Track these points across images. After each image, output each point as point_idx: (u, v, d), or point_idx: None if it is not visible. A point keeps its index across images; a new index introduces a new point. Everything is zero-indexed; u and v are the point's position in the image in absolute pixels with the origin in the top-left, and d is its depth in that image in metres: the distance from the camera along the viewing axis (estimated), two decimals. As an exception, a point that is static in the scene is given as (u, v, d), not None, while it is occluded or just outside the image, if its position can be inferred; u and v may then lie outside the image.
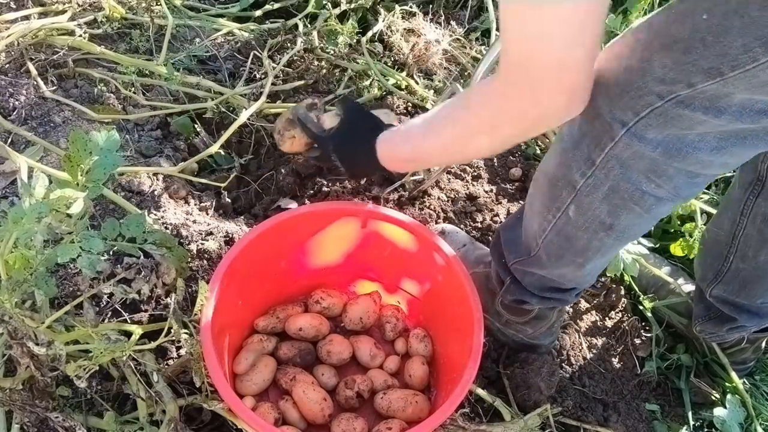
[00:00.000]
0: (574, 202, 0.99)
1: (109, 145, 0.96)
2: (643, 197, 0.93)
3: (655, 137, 0.85)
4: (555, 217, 1.03)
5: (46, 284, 0.97)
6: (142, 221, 1.01)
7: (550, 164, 1.02)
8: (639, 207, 0.94)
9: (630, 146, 0.87)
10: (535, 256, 1.12)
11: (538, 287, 1.19)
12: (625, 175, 0.91)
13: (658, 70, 0.80)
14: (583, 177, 0.95)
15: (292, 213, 1.22)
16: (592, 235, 1.01)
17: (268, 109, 1.65)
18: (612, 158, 0.90)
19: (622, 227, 0.99)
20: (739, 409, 1.35)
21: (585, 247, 1.04)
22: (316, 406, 1.16)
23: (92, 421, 1.13)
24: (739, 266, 1.22)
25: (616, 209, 0.96)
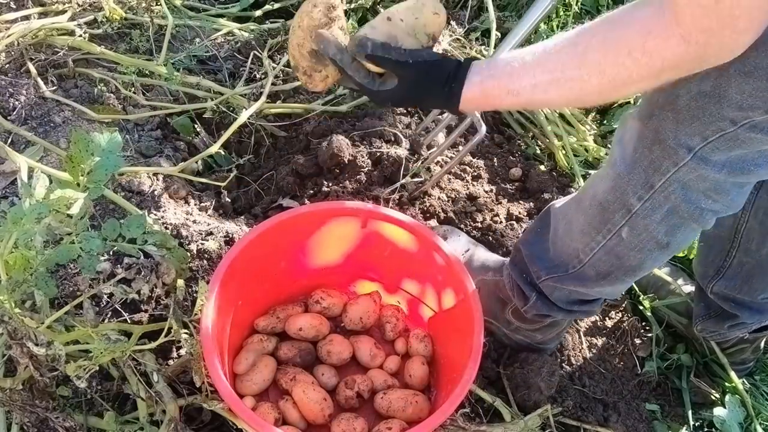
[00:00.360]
0: (629, 224, 0.99)
1: (111, 146, 0.96)
2: (702, 214, 0.94)
3: (720, 159, 0.86)
4: (605, 238, 1.03)
5: (46, 285, 0.97)
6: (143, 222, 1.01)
7: (599, 188, 1.02)
8: (697, 223, 0.96)
9: (695, 170, 0.88)
10: (576, 273, 1.11)
11: (567, 301, 1.18)
12: (685, 197, 0.92)
13: (736, 96, 0.80)
14: (640, 201, 0.95)
15: (292, 213, 1.22)
16: (646, 254, 1.02)
17: (268, 109, 1.65)
18: (674, 182, 0.91)
19: (677, 243, 1.00)
20: (738, 409, 1.35)
21: (637, 266, 1.05)
22: (316, 406, 1.16)
23: (92, 421, 1.13)
24: (742, 260, 1.22)
25: (673, 228, 0.97)
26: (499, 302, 1.28)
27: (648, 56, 0.79)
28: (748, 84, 0.79)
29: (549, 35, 1.89)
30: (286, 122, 1.68)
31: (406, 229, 1.23)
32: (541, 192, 1.61)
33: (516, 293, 1.23)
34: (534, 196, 1.62)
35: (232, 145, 1.65)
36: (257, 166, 1.66)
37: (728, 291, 1.27)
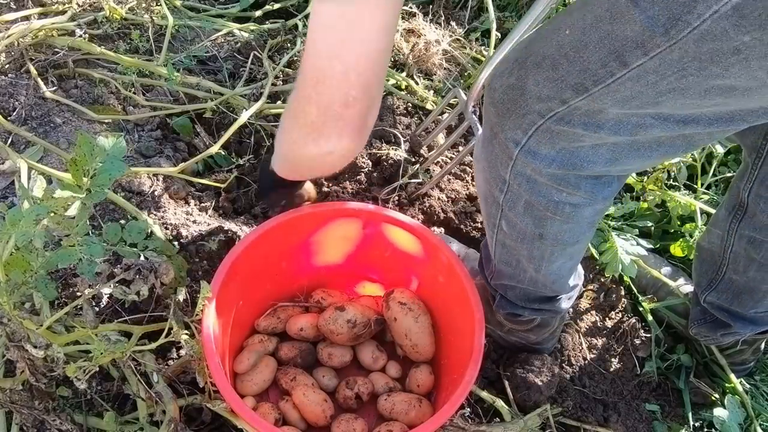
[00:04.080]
0: (503, 217, 1.01)
1: (115, 151, 0.96)
2: (558, 206, 0.94)
3: (549, 153, 0.86)
4: (495, 232, 1.06)
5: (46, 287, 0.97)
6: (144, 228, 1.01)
7: (478, 182, 1.04)
8: (558, 216, 0.95)
9: (527, 163, 0.89)
10: (497, 270, 1.14)
11: (524, 299, 1.19)
12: (534, 189, 0.92)
13: (533, 88, 0.82)
14: (501, 193, 0.97)
15: (294, 214, 1.22)
16: (528, 244, 1.03)
17: (268, 110, 1.65)
18: (518, 175, 0.92)
19: (552, 235, 0.99)
20: (738, 410, 1.35)
21: (529, 256, 1.05)
22: (317, 407, 1.16)
23: (92, 422, 1.13)
24: (732, 278, 1.23)
25: (539, 220, 0.97)
26: (489, 305, 1.29)
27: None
28: (539, 74, 0.80)
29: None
30: (286, 122, 1.68)
31: (407, 230, 1.23)
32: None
33: (490, 293, 1.25)
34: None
35: (232, 146, 1.65)
36: (257, 167, 1.66)
37: (721, 302, 1.27)
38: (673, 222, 1.59)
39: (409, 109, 1.72)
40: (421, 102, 1.71)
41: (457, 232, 1.51)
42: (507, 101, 0.86)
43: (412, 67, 1.80)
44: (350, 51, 0.76)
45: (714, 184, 1.68)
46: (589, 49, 0.74)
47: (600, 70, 0.74)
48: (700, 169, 1.65)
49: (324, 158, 0.92)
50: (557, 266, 1.10)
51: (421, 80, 1.78)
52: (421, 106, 1.71)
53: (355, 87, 0.80)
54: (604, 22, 0.72)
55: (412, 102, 1.72)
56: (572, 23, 0.77)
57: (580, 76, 0.76)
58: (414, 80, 1.77)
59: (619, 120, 0.80)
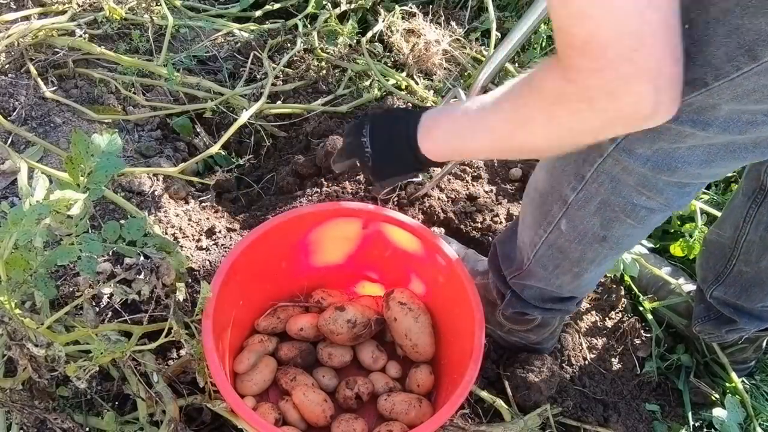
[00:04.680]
0: (566, 216, 0.99)
1: (110, 148, 0.96)
2: (634, 210, 0.92)
3: (644, 152, 0.84)
4: (546, 231, 1.03)
5: (46, 286, 0.97)
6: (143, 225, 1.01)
7: (539, 179, 1.02)
8: (631, 219, 0.94)
9: (619, 161, 0.87)
10: (528, 270, 1.12)
11: (539, 299, 1.18)
12: (615, 189, 0.90)
13: None
14: (573, 191, 0.95)
15: (294, 214, 1.22)
16: (586, 246, 1.01)
17: (268, 110, 1.65)
18: (602, 173, 0.90)
19: (615, 238, 0.98)
20: (738, 410, 1.35)
21: (580, 258, 1.04)
22: (317, 408, 1.16)
23: (92, 421, 1.13)
24: (741, 270, 1.22)
25: (608, 222, 0.95)
26: (489, 305, 1.29)
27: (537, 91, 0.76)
28: None
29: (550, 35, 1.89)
30: (286, 122, 1.68)
31: (407, 230, 1.23)
32: (541, 192, 1.61)
33: (495, 290, 1.24)
34: (534, 197, 1.62)
35: (232, 146, 1.66)
36: (257, 167, 1.66)
37: (727, 297, 1.26)
38: (673, 222, 1.59)
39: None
40: (421, 102, 1.71)
41: (457, 232, 1.51)
42: None
43: (412, 67, 1.80)
44: None
45: (714, 184, 1.68)
46: (714, 44, 0.72)
47: (725, 65, 0.71)
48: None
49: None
50: (601, 271, 1.07)
51: (421, 80, 1.78)
52: (421, 106, 1.71)
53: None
54: (733, 16, 0.70)
55: (412, 102, 1.72)
56: (693, 18, 0.73)
57: (700, 72, 0.73)
58: (414, 80, 1.77)
59: (729, 117, 0.77)
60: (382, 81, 1.72)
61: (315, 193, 1.49)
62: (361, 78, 1.77)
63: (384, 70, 1.76)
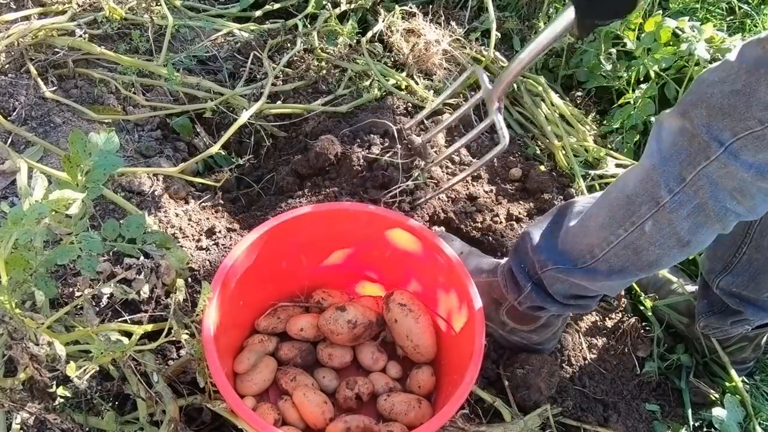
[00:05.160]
0: (654, 217, 1.00)
1: (108, 146, 0.97)
2: (726, 214, 0.95)
3: (749, 158, 0.88)
4: (627, 231, 1.04)
5: (46, 285, 0.97)
6: (142, 222, 1.01)
7: (630, 179, 1.03)
8: (720, 224, 0.97)
9: (725, 166, 0.90)
10: (587, 268, 1.11)
11: (565, 295, 1.18)
12: (713, 194, 0.93)
13: (765, 96, 0.83)
14: (670, 193, 0.97)
15: (294, 214, 1.22)
16: (664, 251, 1.03)
17: (268, 110, 1.65)
18: (704, 177, 0.93)
19: (697, 243, 1.01)
20: (737, 409, 1.35)
21: (654, 262, 1.05)
22: (317, 408, 1.16)
23: (92, 421, 1.13)
24: (752, 257, 1.23)
25: (697, 226, 0.98)
26: (493, 303, 1.29)
27: None
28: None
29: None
30: (286, 122, 1.68)
31: (407, 231, 1.23)
32: (541, 192, 1.61)
33: (509, 284, 1.23)
34: (534, 197, 1.62)
35: (232, 146, 1.66)
36: (257, 167, 1.66)
37: (734, 287, 1.27)
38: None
39: (409, 109, 1.72)
40: (421, 102, 1.71)
41: (457, 232, 1.51)
42: (726, 106, 0.87)
43: (412, 67, 1.80)
44: None
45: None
46: None
47: None
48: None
49: None
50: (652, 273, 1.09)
51: (421, 80, 1.79)
52: (421, 106, 1.71)
53: None
54: None
55: (412, 102, 1.72)
56: None
57: None
58: (414, 80, 1.77)
59: None
60: (382, 81, 1.72)
61: (314, 194, 1.49)
62: (361, 78, 1.77)
63: (384, 70, 1.76)
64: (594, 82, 1.87)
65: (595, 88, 1.89)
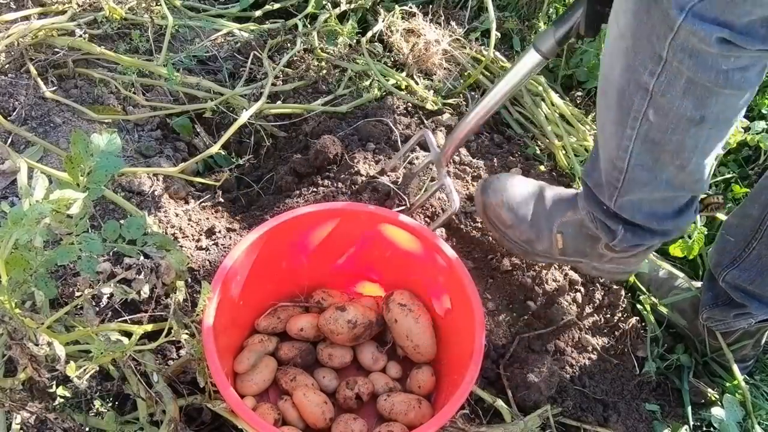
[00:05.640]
0: (651, 105, 0.89)
1: (110, 147, 0.97)
2: (728, 76, 0.82)
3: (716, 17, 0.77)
4: (634, 128, 0.94)
5: (46, 285, 0.97)
6: (143, 223, 1.01)
7: (611, 75, 0.93)
8: (728, 88, 0.84)
9: (693, 32, 0.79)
10: (628, 180, 1.02)
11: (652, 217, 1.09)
12: (699, 63, 0.81)
13: None
14: (653, 77, 0.86)
15: (294, 214, 1.22)
16: (683, 133, 0.91)
17: (268, 110, 1.65)
18: (678, 49, 0.81)
19: (715, 115, 0.88)
20: (737, 409, 1.35)
21: (678, 148, 0.94)
22: (317, 408, 1.16)
23: (92, 421, 1.13)
24: (761, 252, 1.20)
25: (702, 99, 0.86)
26: (588, 239, 1.20)
27: None
28: None
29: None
30: (286, 122, 1.68)
31: (407, 230, 1.23)
32: (541, 192, 1.61)
33: (601, 229, 1.16)
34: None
35: (231, 145, 1.66)
36: (257, 166, 1.66)
37: (740, 281, 1.25)
38: (673, 222, 1.59)
39: (409, 109, 1.72)
40: (421, 102, 1.71)
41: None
42: None
43: (412, 66, 1.80)
44: None
45: (714, 184, 1.68)
46: None
47: None
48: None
49: None
50: (708, 158, 0.97)
51: (421, 80, 1.79)
52: (421, 106, 1.71)
53: None
54: None
55: (412, 102, 1.72)
56: None
57: None
58: (414, 80, 1.77)
59: None
60: (382, 81, 1.72)
61: (312, 193, 1.49)
62: (361, 78, 1.77)
63: (384, 70, 1.76)
64: (594, 82, 1.87)
65: (595, 88, 1.89)
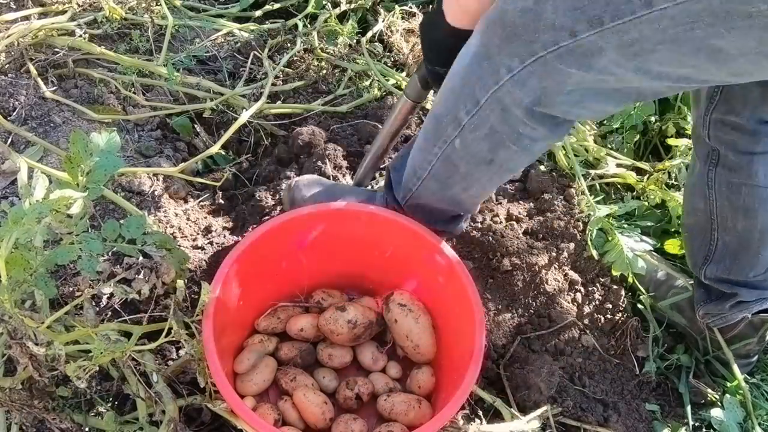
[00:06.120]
0: (459, 136, 1.05)
1: (109, 146, 0.97)
2: (519, 138, 0.99)
3: (534, 87, 0.90)
4: (441, 149, 1.09)
5: (46, 285, 0.97)
6: (142, 223, 1.01)
7: (437, 103, 1.08)
8: (516, 146, 1.01)
9: (511, 93, 0.92)
10: (422, 187, 1.19)
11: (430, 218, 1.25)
12: (503, 118, 0.96)
13: (550, 15, 0.83)
14: (468, 114, 1.00)
15: (294, 214, 1.22)
16: (473, 166, 1.09)
17: (268, 110, 1.65)
18: (494, 101, 0.95)
19: (501, 161, 1.06)
20: (737, 409, 1.35)
21: (467, 174, 1.11)
22: (317, 409, 1.16)
23: (92, 421, 1.13)
24: (725, 240, 1.26)
25: (495, 147, 1.02)
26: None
27: None
28: (561, 2, 0.82)
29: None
30: (286, 122, 1.68)
31: (407, 231, 1.23)
32: (541, 192, 1.61)
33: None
34: (534, 196, 1.62)
35: (231, 145, 1.66)
36: (254, 164, 1.66)
37: (720, 274, 1.29)
38: (673, 222, 1.59)
39: (409, 109, 1.72)
40: (421, 102, 1.71)
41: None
42: (518, 25, 0.87)
43: (412, 66, 1.80)
44: None
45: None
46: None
47: (623, 5, 0.76)
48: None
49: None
50: (487, 190, 1.21)
51: (421, 80, 1.78)
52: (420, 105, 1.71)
53: None
54: None
55: (412, 102, 1.72)
56: None
57: (602, 9, 0.78)
58: (414, 80, 1.77)
59: (607, 66, 0.83)
60: (382, 81, 1.72)
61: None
62: (361, 78, 1.78)
63: (384, 70, 1.76)
64: (594, 82, 1.87)
65: (595, 88, 1.89)
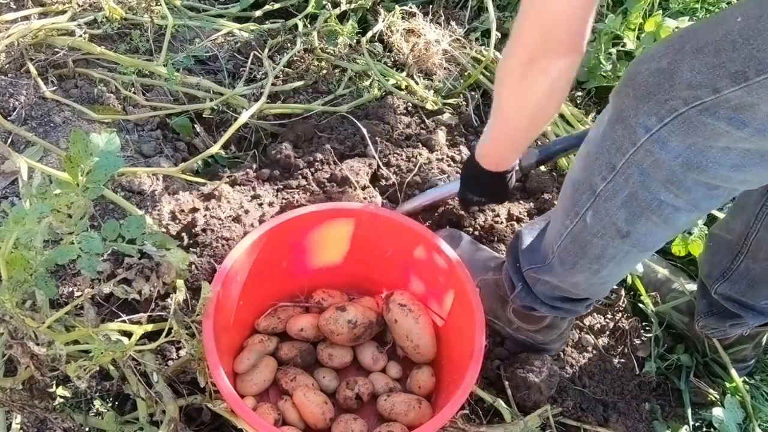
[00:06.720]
0: (593, 207, 0.98)
1: (109, 146, 0.96)
2: (660, 206, 0.91)
3: (677, 146, 0.84)
4: (572, 222, 1.03)
5: (46, 285, 0.97)
6: (142, 222, 1.01)
7: (575, 168, 1.02)
8: (656, 216, 0.93)
9: (651, 153, 0.86)
10: (549, 264, 1.11)
11: (549, 296, 1.18)
12: (644, 183, 0.90)
13: (687, 74, 0.79)
14: (603, 181, 0.95)
15: (294, 214, 1.22)
16: (608, 242, 1.00)
17: (268, 110, 1.65)
18: (632, 165, 0.89)
19: (638, 235, 0.97)
20: (737, 410, 1.35)
21: (600, 254, 1.03)
22: (317, 409, 1.16)
23: (92, 421, 1.13)
24: (749, 266, 1.21)
25: (633, 217, 0.95)
26: (499, 300, 1.29)
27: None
28: (698, 60, 0.79)
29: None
30: (286, 122, 1.68)
31: (407, 230, 1.23)
32: (541, 192, 1.61)
33: (507, 282, 1.24)
34: (534, 196, 1.62)
35: (231, 145, 1.65)
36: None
37: (732, 293, 1.26)
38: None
39: (409, 109, 1.72)
40: (421, 102, 1.72)
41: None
42: (651, 84, 0.83)
43: (412, 67, 1.80)
44: None
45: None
46: (761, 38, 0.72)
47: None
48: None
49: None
50: (619, 272, 1.09)
51: (421, 80, 1.78)
52: (421, 105, 1.71)
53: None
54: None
55: (412, 102, 1.72)
56: (746, 11, 0.75)
57: (744, 64, 0.74)
58: (414, 80, 1.77)
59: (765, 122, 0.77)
60: (382, 81, 1.72)
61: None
62: (361, 78, 1.77)
63: (384, 70, 1.76)
64: (594, 82, 1.87)
65: (595, 88, 1.88)
